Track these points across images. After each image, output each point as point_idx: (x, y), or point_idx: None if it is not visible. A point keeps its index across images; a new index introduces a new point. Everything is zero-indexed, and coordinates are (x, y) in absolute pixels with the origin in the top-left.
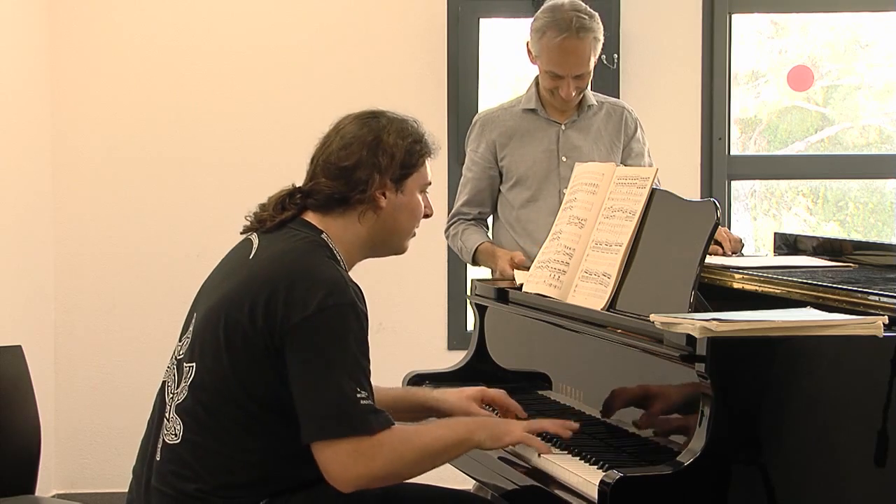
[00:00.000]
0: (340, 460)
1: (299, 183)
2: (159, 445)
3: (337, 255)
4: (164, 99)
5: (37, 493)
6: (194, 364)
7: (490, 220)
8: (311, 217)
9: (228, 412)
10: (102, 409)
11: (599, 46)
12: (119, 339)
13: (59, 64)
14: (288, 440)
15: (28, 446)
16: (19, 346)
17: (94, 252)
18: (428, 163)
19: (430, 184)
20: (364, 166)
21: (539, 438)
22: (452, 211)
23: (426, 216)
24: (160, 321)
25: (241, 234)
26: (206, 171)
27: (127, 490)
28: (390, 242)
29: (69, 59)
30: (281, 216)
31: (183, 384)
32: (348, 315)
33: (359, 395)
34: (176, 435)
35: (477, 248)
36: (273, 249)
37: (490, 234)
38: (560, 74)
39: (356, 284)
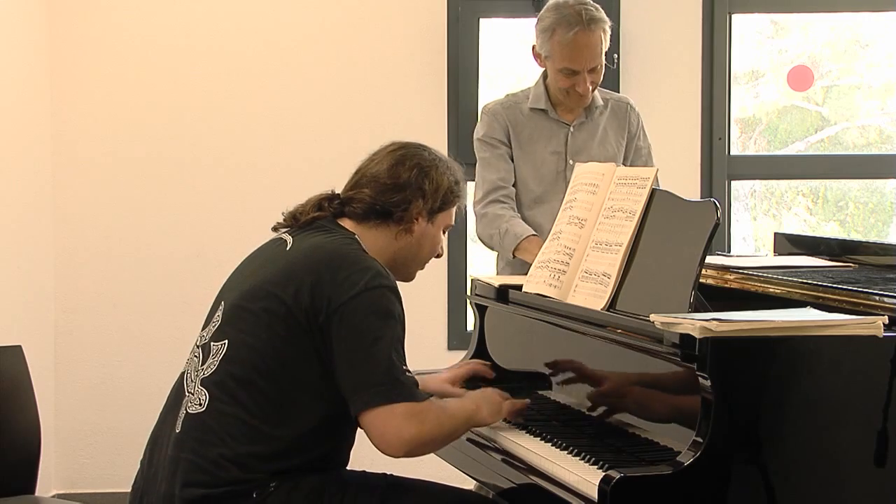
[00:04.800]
0: (396, 423)
1: (302, 181)
2: (180, 418)
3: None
4: (163, 99)
5: (37, 493)
6: (226, 341)
7: None
8: (344, 222)
9: (259, 385)
10: (102, 409)
11: (608, 38)
12: (119, 339)
13: (59, 64)
14: (310, 419)
15: (28, 446)
16: (19, 346)
17: (94, 252)
18: (455, 208)
19: (452, 226)
20: (411, 188)
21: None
22: (487, 187)
23: (437, 255)
24: (160, 321)
25: (273, 230)
26: (206, 172)
27: (129, 489)
28: (407, 267)
29: (69, 59)
30: (315, 214)
31: (211, 360)
32: (392, 298)
33: (405, 368)
34: (201, 405)
35: (527, 237)
36: (312, 241)
37: None
38: (576, 70)
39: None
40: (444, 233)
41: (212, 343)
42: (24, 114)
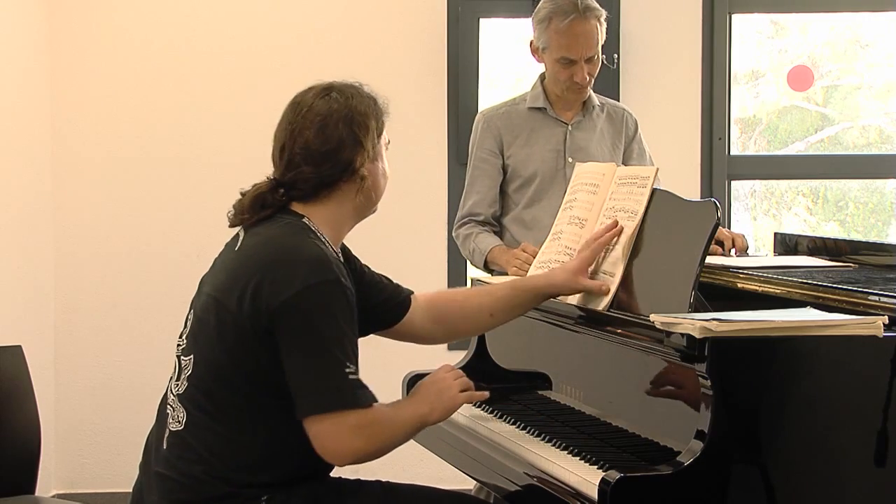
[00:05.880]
0: (343, 433)
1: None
2: (165, 435)
3: (320, 235)
4: (163, 99)
5: (37, 493)
6: (192, 357)
7: None
8: (293, 206)
9: (227, 398)
10: (102, 409)
11: (604, 30)
12: (119, 339)
13: (59, 64)
14: (286, 422)
15: (28, 446)
16: (19, 346)
17: (94, 252)
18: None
19: (389, 142)
20: (348, 145)
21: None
22: (462, 212)
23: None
24: (160, 321)
25: (230, 226)
26: (205, 171)
27: (130, 490)
28: (372, 207)
29: (69, 59)
30: (262, 214)
31: (183, 376)
32: (334, 291)
33: (348, 370)
34: (179, 422)
35: (490, 249)
36: (257, 238)
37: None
38: (573, 59)
39: (340, 261)
40: (386, 149)
41: (182, 358)
42: (24, 114)
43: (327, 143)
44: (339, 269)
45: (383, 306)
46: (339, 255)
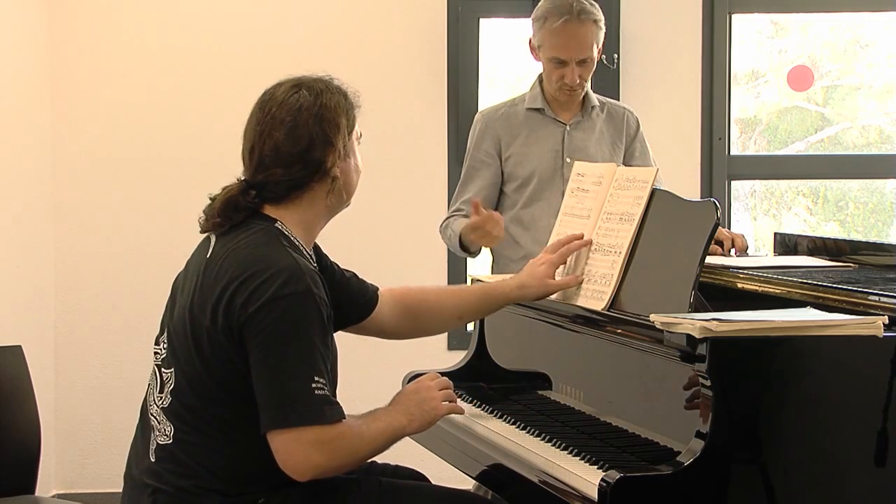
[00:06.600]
0: (303, 449)
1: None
2: (152, 447)
3: (294, 240)
4: (164, 99)
5: (37, 493)
6: (172, 370)
7: None
8: (265, 209)
9: (212, 411)
10: (102, 409)
11: (601, 34)
12: (119, 339)
13: (59, 64)
14: None
15: (28, 446)
16: (19, 346)
17: (94, 252)
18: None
19: (361, 135)
20: (317, 144)
21: (456, 404)
22: (451, 208)
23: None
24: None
25: (201, 233)
26: (206, 172)
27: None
28: (344, 204)
29: (69, 59)
30: (235, 218)
31: (166, 390)
32: (304, 303)
33: (314, 385)
34: (167, 436)
35: (462, 228)
36: (228, 246)
37: None
38: (564, 60)
39: (314, 270)
40: (358, 143)
41: (163, 370)
42: (24, 114)
43: (297, 145)
44: (312, 280)
45: (353, 303)
46: (312, 256)
